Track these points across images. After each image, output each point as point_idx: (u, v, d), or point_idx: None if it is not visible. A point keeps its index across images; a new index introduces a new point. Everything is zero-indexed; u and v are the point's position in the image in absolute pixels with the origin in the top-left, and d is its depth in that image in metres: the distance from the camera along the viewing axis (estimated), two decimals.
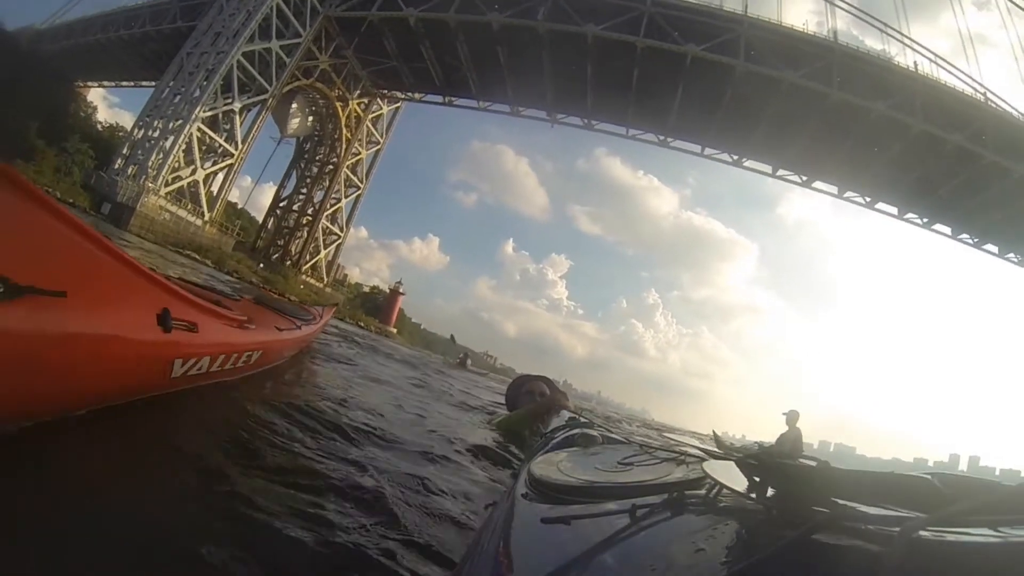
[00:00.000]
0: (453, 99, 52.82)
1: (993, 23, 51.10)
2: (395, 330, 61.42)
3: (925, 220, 46.03)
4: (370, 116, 55.49)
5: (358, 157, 56.25)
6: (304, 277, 54.32)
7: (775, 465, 1.11)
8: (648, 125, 48.23)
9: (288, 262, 54.81)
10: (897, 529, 0.72)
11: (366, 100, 54.32)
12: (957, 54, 41.39)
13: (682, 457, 2.04)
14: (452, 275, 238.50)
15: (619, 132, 50.20)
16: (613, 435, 3.24)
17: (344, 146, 53.91)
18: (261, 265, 50.33)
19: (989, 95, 39.29)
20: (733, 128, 44.07)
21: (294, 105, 51.44)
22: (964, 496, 0.91)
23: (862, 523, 0.84)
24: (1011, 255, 44.98)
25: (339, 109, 51.88)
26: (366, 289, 73.37)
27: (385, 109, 57.14)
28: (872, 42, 41.68)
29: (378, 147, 58.08)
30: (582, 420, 3.71)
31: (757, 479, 1.13)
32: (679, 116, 45.27)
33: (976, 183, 39.27)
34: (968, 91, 39.45)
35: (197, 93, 41.24)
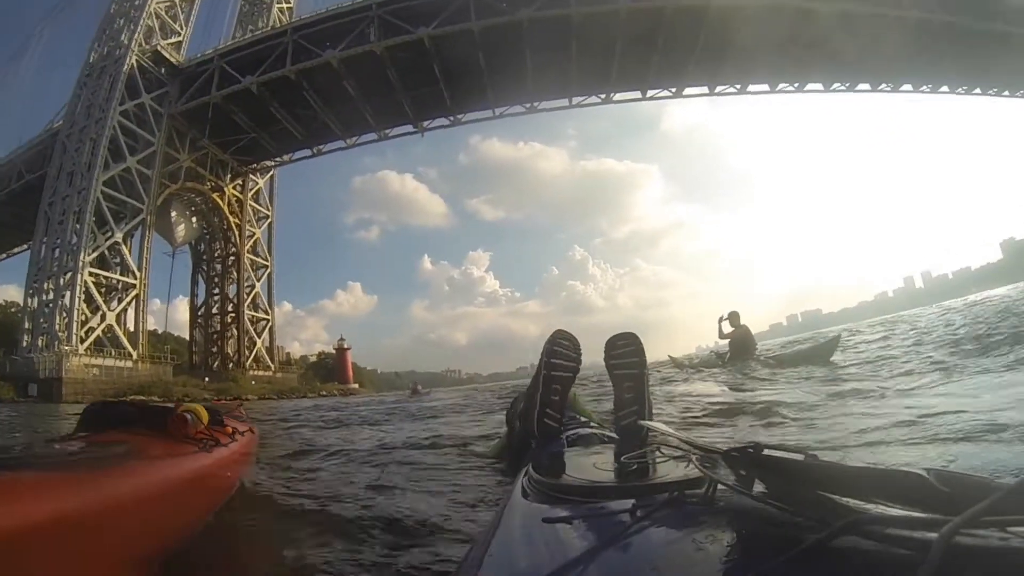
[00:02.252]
0: (320, 147, 52.80)
1: None
2: (357, 385, 61.12)
3: (796, 85, 48.47)
4: (250, 194, 54.89)
5: (254, 238, 55.61)
6: (252, 372, 53.30)
7: (762, 458, 1.09)
8: (510, 99, 49.06)
9: (230, 364, 53.47)
10: (933, 535, 0.68)
11: (240, 181, 53.75)
12: None
13: (681, 455, 1.94)
14: (386, 311, 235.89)
15: (486, 116, 51.32)
16: (613, 435, 3.14)
17: (237, 233, 53.15)
18: (207, 379, 48.98)
19: None
20: (590, 70, 45.33)
21: (173, 213, 49.95)
22: (960, 493, 0.84)
23: (886, 526, 0.79)
24: (883, 86, 48.86)
25: (218, 200, 51.10)
26: (312, 358, 72.56)
27: (261, 182, 56.76)
28: None
29: (269, 220, 57.68)
30: (582, 419, 3.59)
31: (744, 472, 1.12)
32: (535, 79, 46.09)
33: (822, 32, 40.63)
34: None
35: (75, 239, 39.96)
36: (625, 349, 3.15)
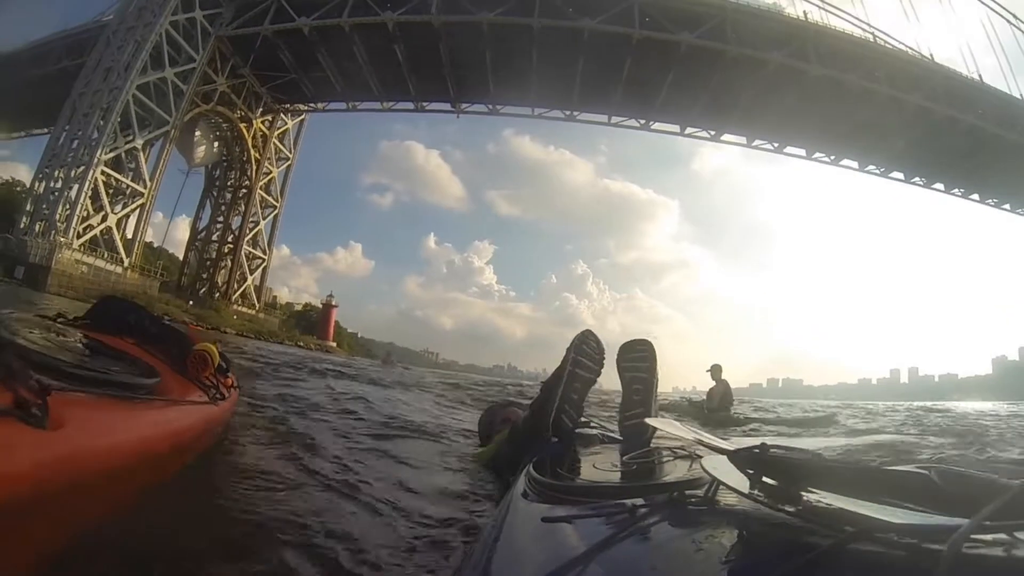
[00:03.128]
0: (356, 104, 52.70)
1: None
2: (335, 344, 61.08)
3: (832, 157, 48.75)
4: (276, 133, 54.45)
5: (270, 176, 55.17)
6: (236, 307, 53.28)
7: (769, 458, 1.10)
8: (553, 102, 48.98)
9: (217, 294, 53.41)
10: (940, 546, 0.68)
11: (270, 117, 53.33)
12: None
13: (683, 456, 2.06)
14: (380, 279, 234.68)
15: (525, 112, 51.23)
16: (613, 435, 3.29)
17: (254, 167, 52.81)
18: (191, 303, 48.95)
19: (877, 34, 42.08)
20: (636, 94, 45.37)
21: (197, 133, 49.65)
22: (965, 492, 0.88)
23: (894, 534, 0.80)
24: (916, 179, 49.00)
25: (244, 130, 50.81)
26: (298, 308, 72.19)
27: (290, 123, 56.15)
28: None
29: (288, 163, 57.02)
30: (582, 420, 3.61)
31: (751, 471, 1.11)
32: (582, 89, 46.15)
33: (875, 117, 41.60)
34: (858, 32, 42.15)
35: (95, 135, 39.58)
36: (638, 355, 3.28)
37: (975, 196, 50.15)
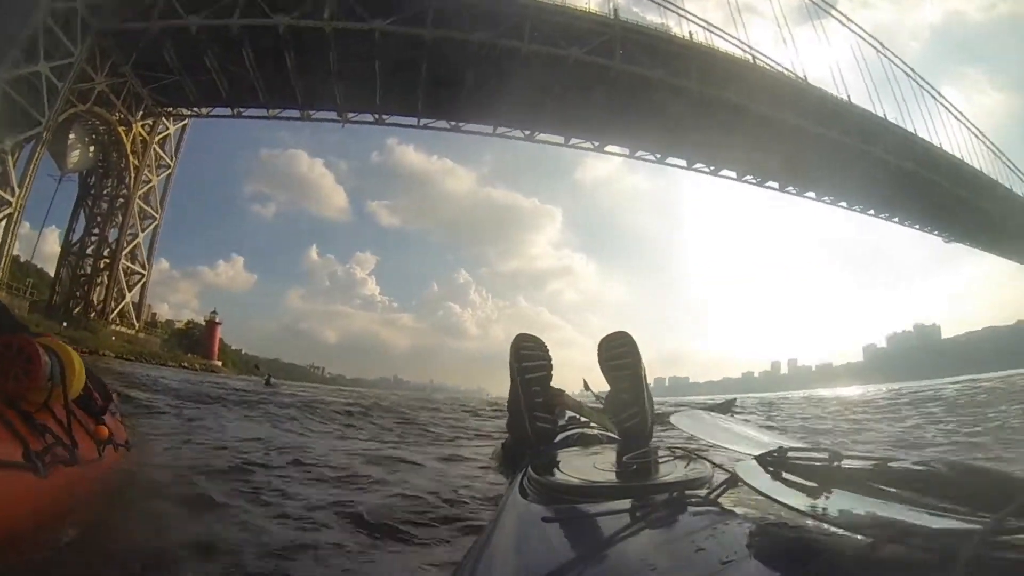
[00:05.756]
0: (241, 110, 51.18)
1: None
2: (219, 362, 58.14)
3: (712, 168, 51.08)
4: (157, 138, 51.77)
5: (150, 185, 52.19)
6: (114, 327, 49.78)
7: (787, 461, 1.11)
8: (440, 113, 49.20)
9: (92, 314, 49.53)
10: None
11: (150, 121, 50.75)
12: (729, 22, 47.27)
13: (683, 456, 2.05)
14: (262, 292, 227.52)
15: (411, 123, 51.07)
16: (613, 435, 3.22)
17: (133, 175, 49.92)
18: (64, 324, 45.17)
19: (757, 56, 44.81)
20: (524, 105, 45.66)
21: (72, 136, 46.90)
22: (978, 487, 0.88)
23: (916, 537, 0.77)
24: (790, 188, 53.24)
25: (122, 134, 48.09)
26: (180, 325, 67.45)
27: (172, 128, 53.59)
28: (653, 16, 45.44)
29: (169, 171, 54.17)
30: (581, 420, 3.63)
31: (772, 470, 1.13)
32: (469, 100, 46.49)
33: (752, 133, 44.07)
34: (739, 54, 44.70)
35: None
36: (619, 349, 3.16)
37: (843, 203, 53.93)
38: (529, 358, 3.28)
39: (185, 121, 54.56)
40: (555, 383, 3.56)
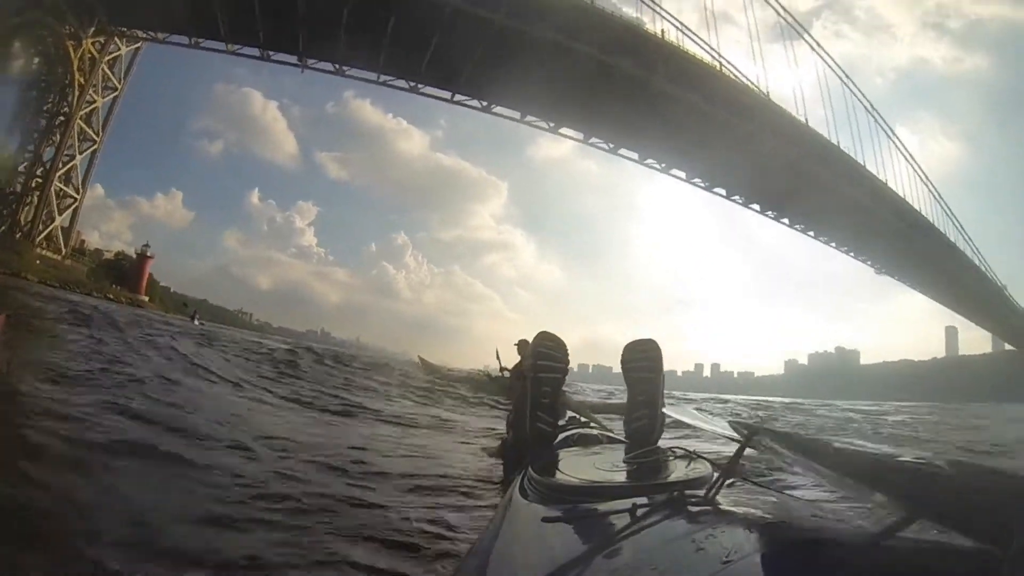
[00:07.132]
0: (199, 41, 48.78)
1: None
2: (147, 298, 56.27)
3: (663, 165, 51.62)
4: (107, 58, 49.58)
5: (93, 106, 49.97)
6: (39, 250, 48.04)
7: (791, 439, 1.13)
8: (401, 72, 48.12)
9: (19, 234, 47.70)
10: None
11: (102, 39, 48.44)
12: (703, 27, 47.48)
13: (684, 455, 2.02)
14: (199, 231, 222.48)
15: (371, 79, 49.74)
16: (616, 436, 3.26)
17: (77, 93, 47.74)
18: None
19: (724, 64, 45.19)
20: (484, 78, 45.48)
21: (17, 44, 44.57)
22: (972, 483, 0.82)
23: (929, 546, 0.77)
24: (736, 197, 53.87)
25: (71, 49, 45.81)
26: (108, 255, 63.42)
27: (124, 50, 51.36)
28: (628, 9, 45.09)
29: (116, 93, 51.92)
30: (581, 420, 3.68)
31: (772, 446, 1.17)
32: (432, 65, 45.74)
33: (708, 137, 44.39)
34: (708, 59, 44.95)
35: None
36: (642, 355, 3.24)
37: (785, 220, 54.85)
38: (547, 357, 3.34)
39: (139, 44, 52.20)
40: (480, 353, 3.28)
